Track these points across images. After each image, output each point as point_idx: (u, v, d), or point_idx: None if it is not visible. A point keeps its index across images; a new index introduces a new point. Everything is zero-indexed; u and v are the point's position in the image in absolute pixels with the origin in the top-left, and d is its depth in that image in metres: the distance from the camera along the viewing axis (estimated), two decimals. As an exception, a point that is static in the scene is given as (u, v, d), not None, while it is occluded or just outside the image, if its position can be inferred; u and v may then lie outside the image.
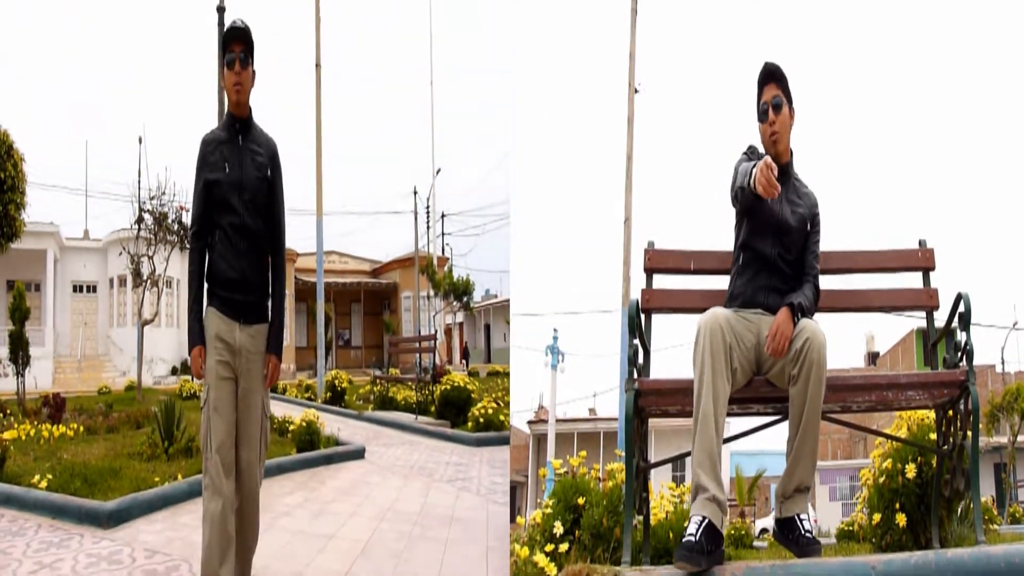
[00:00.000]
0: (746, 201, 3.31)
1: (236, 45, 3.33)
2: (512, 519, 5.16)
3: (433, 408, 11.33)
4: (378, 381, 14.43)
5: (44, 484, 5.47)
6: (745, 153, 3.44)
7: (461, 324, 31.35)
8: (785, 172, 3.40)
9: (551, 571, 3.47)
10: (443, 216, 32.79)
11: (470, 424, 9.78)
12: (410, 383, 12.81)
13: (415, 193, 28.43)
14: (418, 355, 14.42)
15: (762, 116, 3.38)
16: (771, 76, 3.37)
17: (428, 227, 29.41)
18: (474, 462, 7.83)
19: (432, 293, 24.48)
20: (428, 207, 29.21)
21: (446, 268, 25.93)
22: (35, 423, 8.65)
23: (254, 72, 3.36)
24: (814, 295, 3.37)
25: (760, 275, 3.37)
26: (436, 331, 15.77)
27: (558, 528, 4.00)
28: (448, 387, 11.15)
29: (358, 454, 7.88)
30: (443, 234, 32.88)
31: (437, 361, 13.40)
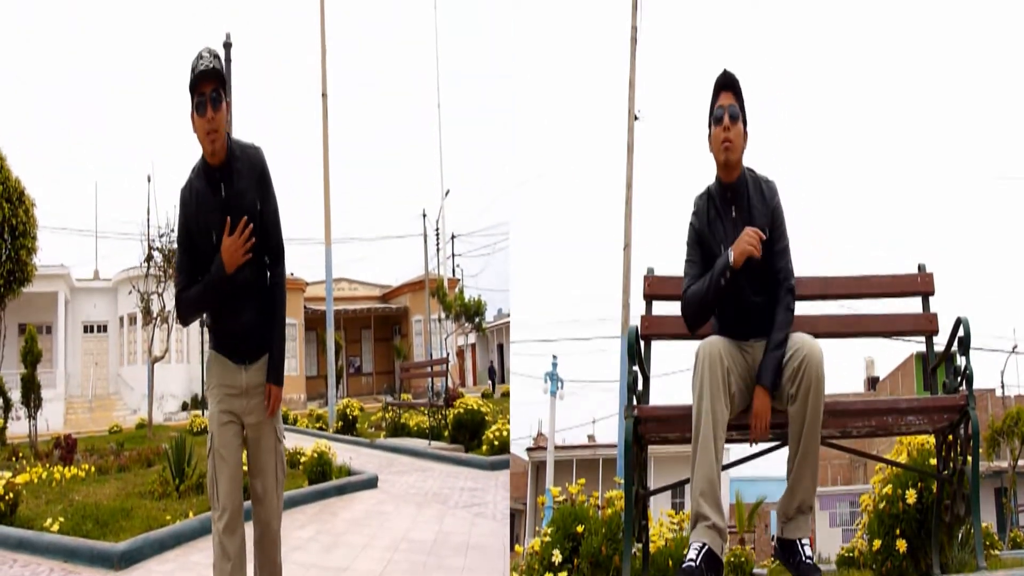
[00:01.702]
0: (717, 300, 3.21)
1: (205, 86, 2.94)
2: (511, 547, 5.15)
3: (446, 433, 11.28)
4: (390, 407, 14.41)
5: (56, 527, 5.46)
6: (691, 222, 3.35)
7: (473, 346, 31.31)
8: (736, 190, 3.30)
9: (549, 599, 3.39)
10: (453, 237, 32.86)
11: (484, 448, 9.72)
12: (422, 408, 12.78)
13: (424, 216, 28.57)
14: (430, 379, 14.40)
15: (717, 120, 3.24)
16: (729, 85, 3.28)
17: (438, 249, 29.48)
18: (489, 486, 7.78)
19: (443, 316, 24.49)
20: (437, 229, 29.31)
21: (457, 290, 25.95)
22: (47, 465, 8.68)
23: (229, 104, 3.04)
24: (788, 310, 3.23)
25: (736, 309, 3.27)
26: (448, 354, 15.77)
27: (557, 556, 3.99)
28: (461, 411, 11.11)
29: (371, 483, 7.85)
30: (453, 255, 32.93)
31: (449, 384, 13.39)
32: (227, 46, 16.57)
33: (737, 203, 3.30)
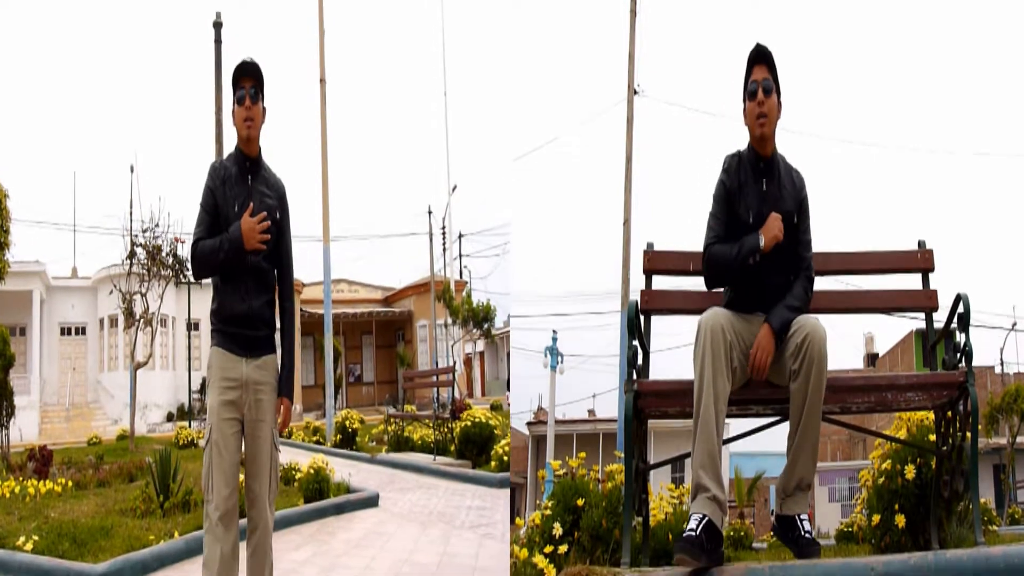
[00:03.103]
0: (744, 271, 3.47)
1: (246, 80, 3.45)
2: (511, 520, 5.38)
3: (453, 447, 11.32)
4: (392, 420, 14.45)
5: (30, 546, 5.50)
6: (721, 179, 3.57)
7: (482, 353, 31.35)
8: (769, 165, 3.56)
9: (550, 573, 3.72)
10: (460, 236, 32.94)
11: (493, 463, 9.74)
12: (427, 420, 12.81)
13: (429, 213, 28.65)
14: (435, 389, 14.43)
15: (751, 95, 3.50)
16: (762, 58, 3.52)
17: (444, 249, 29.56)
18: (498, 505, 7.79)
19: (450, 321, 24.55)
20: (444, 228, 29.39)
21: (464, 293, 26.01)
22: (20, 479, 8.73)
23: (265, 109, 3.50)
24: (806, 291, 3.56)
25: (753, 283, 3.52)
26: (455, 362, 15.82)
27: (557, 530, 4.27)
28: (468, 423, 11.13)
29: (371, 501, 7.88)
30: (460, 256, 33.03)
31: (456, 395, 13.41)
32: (217, 26, 16.70)
33: (768, 177, 3.55)
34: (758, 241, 3.41)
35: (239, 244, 3.35)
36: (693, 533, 3.06)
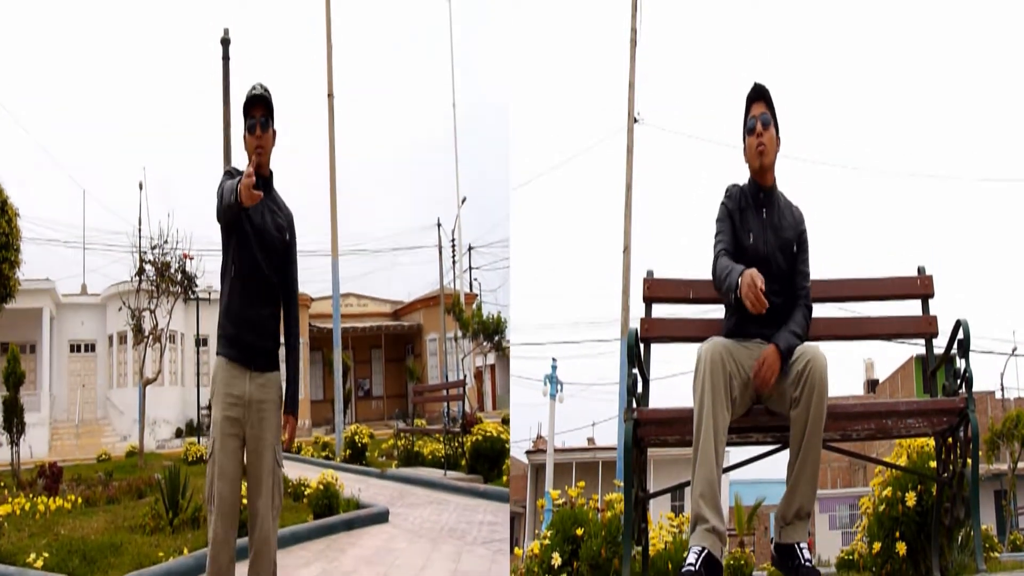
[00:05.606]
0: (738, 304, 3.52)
1: (256, 110, 3.58)
2: (510, 550, 5.42)
3: (463, 462, 11.31)
4: (402, 434, 14.45)
5: (40, 563, 5.52)
6: (723, 202, 3.68)
7: (492, 367, 31.32)
8: (770, 196, 3.68)
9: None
10: (470, 249, 32.97)
11: (505, 478, 9.72)
12: (437, 435, 12.81)
13: (439, 226, 28.72)
14: (446, 403, 14.44)
15: (750, 130, 3.64)
16: (760, 96, 3.67)
17: (454, 262, 29.61)
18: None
19: (460, 334, 24.54)
20: (453, 240, 29.44)
21: (474, 305, 26.00)
22: (30, 496, 8.78)
23: (275, 132, 3.63)
24: (805, 319, 3.64)
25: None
26: (465, 376, 15.82)
27: (556, 559, 4.33)
28: (480, 437, 11.12)
29: (381, 517, 7.87)
30: (470, 268, 33.02)
31: (467, 409, 13.41)
32: (225, 42, 16.82)
33: (769, 207, 3.68)
34: (737, 283, 3.34)
35: (234, 194, 3.32)
36: (692, 567, 3.11)
